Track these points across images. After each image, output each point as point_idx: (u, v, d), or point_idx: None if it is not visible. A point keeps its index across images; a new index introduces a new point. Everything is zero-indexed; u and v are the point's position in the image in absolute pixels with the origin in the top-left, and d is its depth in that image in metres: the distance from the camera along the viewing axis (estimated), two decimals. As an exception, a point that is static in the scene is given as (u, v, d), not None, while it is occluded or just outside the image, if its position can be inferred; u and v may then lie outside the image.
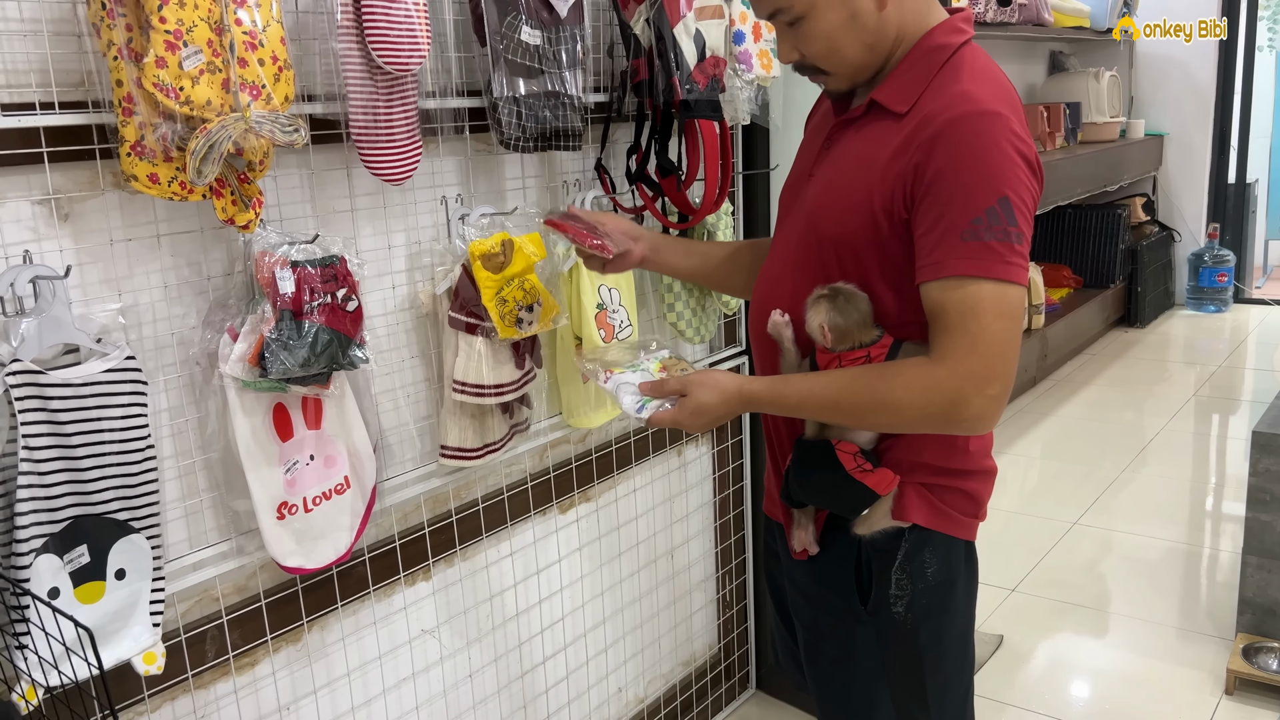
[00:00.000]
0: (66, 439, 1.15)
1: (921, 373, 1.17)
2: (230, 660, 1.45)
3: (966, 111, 1.15)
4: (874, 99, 1.23)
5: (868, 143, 1.24)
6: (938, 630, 1.32)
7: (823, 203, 1.28)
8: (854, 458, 1.26)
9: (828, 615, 1.37)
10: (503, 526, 1.83)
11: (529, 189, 1.78)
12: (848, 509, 1.30)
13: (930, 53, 1.22)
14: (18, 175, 1.18)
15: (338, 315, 1.36)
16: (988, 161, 1.13)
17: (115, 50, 1.13)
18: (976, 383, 1.14)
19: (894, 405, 1.18)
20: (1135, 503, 3.58)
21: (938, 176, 1.14)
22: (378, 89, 1.39)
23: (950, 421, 1.18)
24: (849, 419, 1.25)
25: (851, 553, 1.31)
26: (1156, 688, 2.50)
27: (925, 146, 1.15)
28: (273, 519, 1.38)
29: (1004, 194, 1.13)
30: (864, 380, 1.20)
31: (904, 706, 1.35)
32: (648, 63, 1.77)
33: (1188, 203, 6.32)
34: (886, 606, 1.30)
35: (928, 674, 1.33)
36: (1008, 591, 2.99)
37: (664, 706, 2.26)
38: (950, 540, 1.31)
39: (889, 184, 1.19)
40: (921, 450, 1.28)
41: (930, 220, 1.15)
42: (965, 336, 1.14)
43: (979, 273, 1.13)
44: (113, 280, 1.27)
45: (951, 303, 1.15)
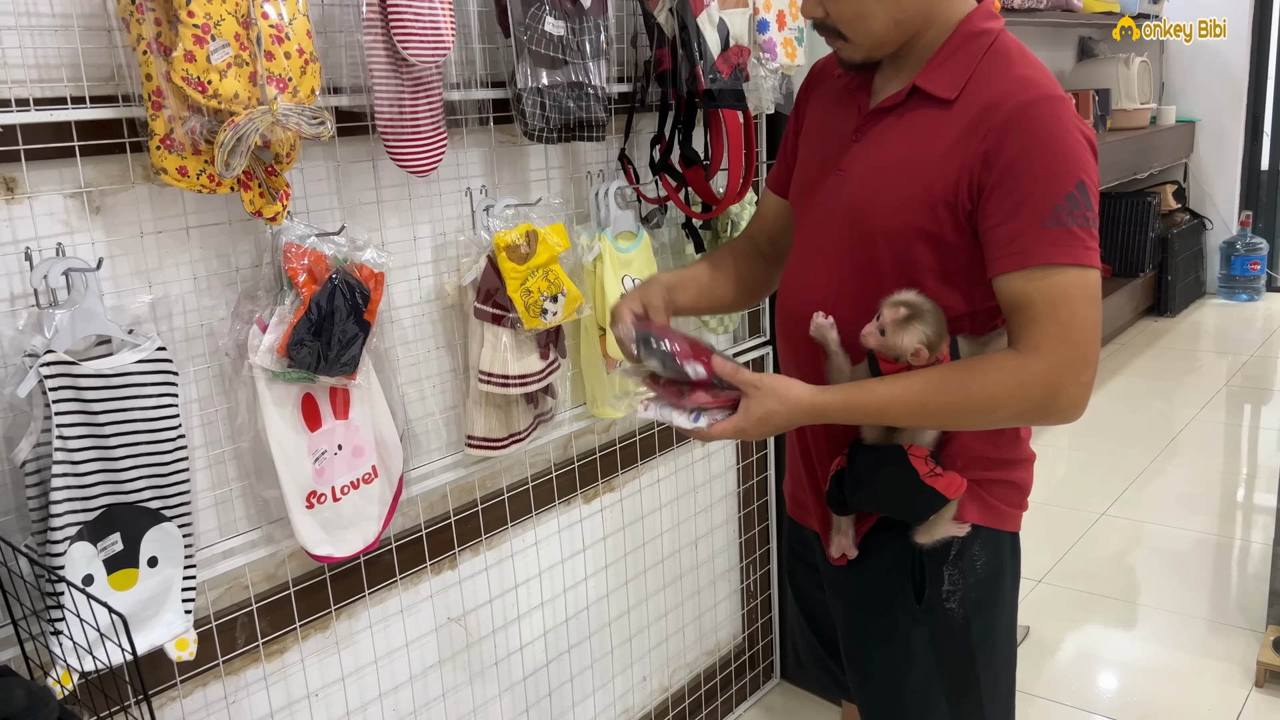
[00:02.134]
0: (99, 429, 1.17)
1: (1016, 367, 1.13)
2: (260, 647, 1.47)
3: (1034, 97, 1.12)
4: (917, 85, 1.19)
5: (914, 132, 1.20)
6: (989, 623, 1.31)
7: (868, 196, 1.22)
8: (926, 462, 1.23)
9: (878, 618, 1.33)
10: (528, 516, 1.84)
11: (553, 180, 1.78)
12: (914, 515, 1.26)
13: (972, 38, 1.18)
14: (50, 169, 1.19)
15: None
16: (1063, 146, 1.11)
17: (144, 45, 1.15)
18: (1072, 371, 1.12)
19: (988, 403, 1.15)
20: (1164, 494, 3.55)
21: (1012, 164, 1.11)
22: (403, 81, 1.40)
23: (1046, 413, 1.15)
24: (937, 421, 1.21)
25: (907, 553, 1.28)
26: (1185, 680, 2.48)
27: (995, 134, 1.12)
28: (302, 508, 1.40)
29: (1080, 178, 1.11)
30: (953, 381, 1.16)
31: (959, 703, 1.33)
32: (671, 52, 1.76)
33: (1220, 190, 6.23)
34: (940, 603, 1.28)
35: (981, 668, 1.32)
36: (1034, 582, 2.97)
37: (688, 695, 2.27)
38: (998, 532, 1.30)
39: (951, 174, 1.15)
40: (974, 442, 1.26)
41: (1007, 209, 1.12)
42: (1056, 325, 1.11)
43: (1066, 260, 1.11)
44: (143, 272, 1.28)
45: (1039, 292, 1.11)
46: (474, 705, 1.80)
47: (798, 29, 2.01)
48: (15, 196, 1.17)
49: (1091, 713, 2.37)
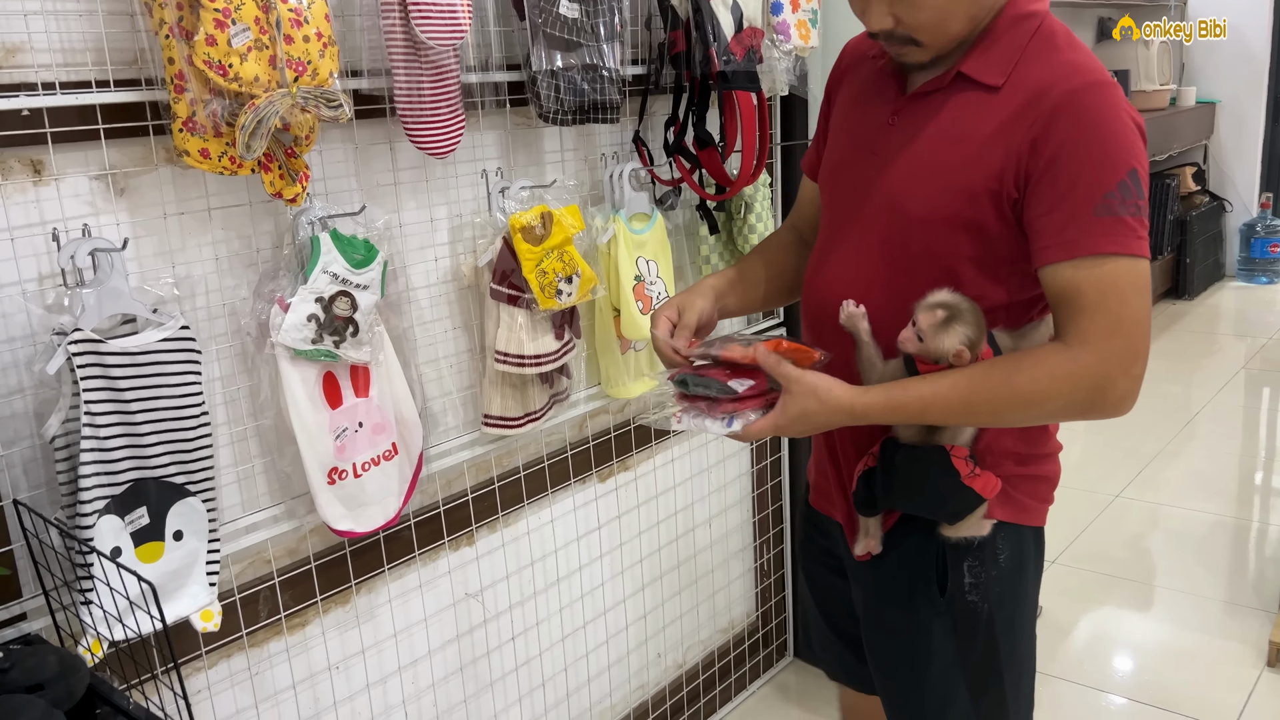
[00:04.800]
0: (126, 405, 1.20)
1: (1063, 360, 1.10)
2: (282, 620, 1.50)
3: (1085, 83, 1.09)
4: (961, 71, 1.16)
5: (957, 117, 1.16)
6: (1011, 616, 1.30)
7: (906, 182, 1.19)
8: (967, 462, 1.20)
9: (901, 611, 1.32)
10: (543, 494, 1.87)
11: (568, 162, 1.80)
12: (950, 515, 1.24)
13: (1018, 21, 1.15)
14: (76, 151, 1.22)
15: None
16: (1114, 133, 1.08)
17: (167, 29, 1.17)
18: (1123, 363, 1.09)
19: (1035, 399, 1.11)
20: (1180, 476, 3.55)
21: (1061, 151, 1.08)
22: (421, 65, 1.41)
23: (1095, 407, 1.11)
24: (981, 419, 1.17)
25: (932, 547, 1.27)
26: (1198, 659, 2.49)
27: (1044, 120, 1.09)
28: (324, 484, 1.43)
29: (1132, 166, 1.08)
30: (997, 377, 1.12)
31: (980, 697, 1.32)
32: (685, 34, 1.77)
33: (1240, 172, 6.19)
34: (961, 595, 1.27)
35: (1004, 661, 1.31)
36: (1049, 564, 2.96)
37: (702, 672, 2.30)
38: (1019, 528, 1.29)
39: (996, 161, 1.12)
40: (1004, 438, 1.24)
41: (1055, 197, 1.09)
42: (1106, 317, 1.09)
43: (1117, 249, 1.08)
44: (166, 253, 1.31)
45: (1089, 282, 1.09)
46: (491, 679, 1.83)
47: (811, 10, 2.02)
48: (42, 179, 1.20)
49: (1104, 691, 2.39)
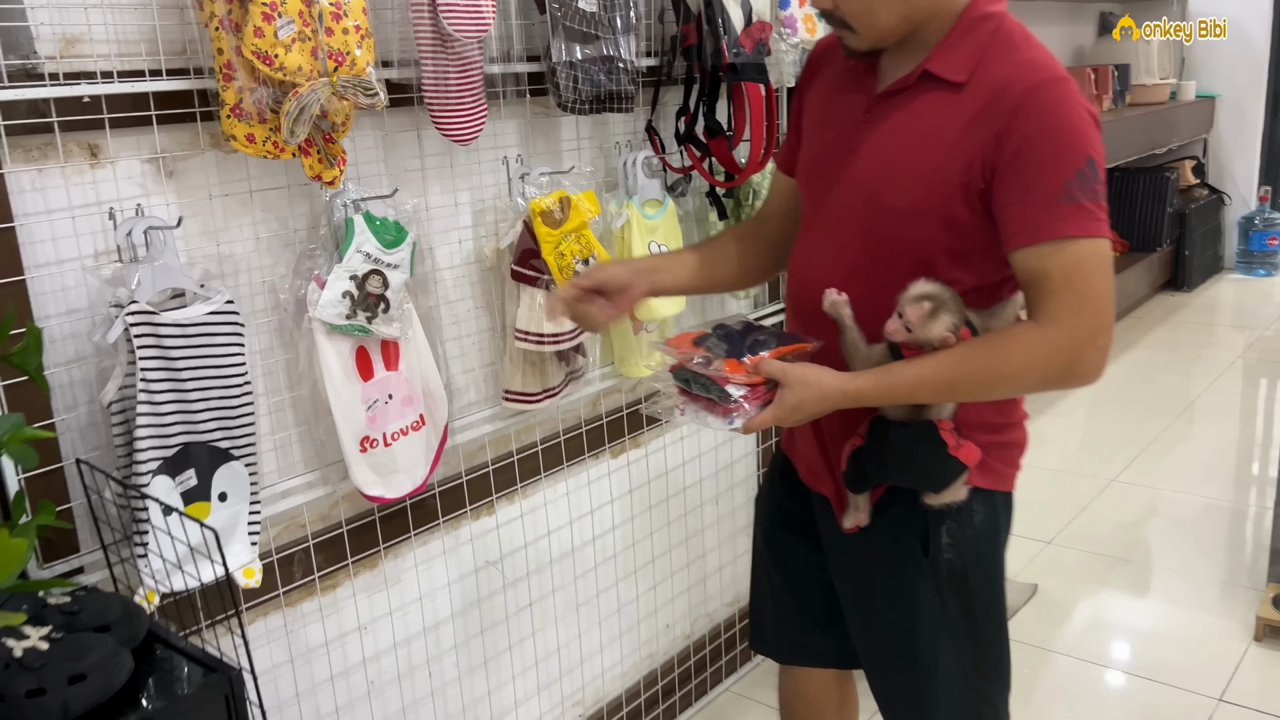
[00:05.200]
0: (177, 373, 1.29)
1: (1036, 338, 1.20)
2: (315, 581, 1.59)
3: (1042, 80, 1.17)
4: (927, 69, 1.24)
5: (926, 114, 1.24)
6: (986, 574, 1.39)
7: (881, 175, 1.27)
8: (952, 434, 1.29)
9: (888, 576, 1.40)
10: (559, 468, 1.95)
11: (584, 149, 1.88)
12: (937, 484, 1.32)
13: (978, 22, 1.24)
14: (129, 136, 1.31)
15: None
16: (1071, 126, 1.16)
17: (216, 21, 1.25)
18: (1090, 337, 1.18)
19: (1013, 375, 1.21)
20: (1176, 461, 3.63)
21: (1024, 144, 1.16)
22: (447, 56, 1.50)
23: (1067, 378, 1.22)
24: (964, 396, 1.27)
25: (915, 514, 1.35)
26: (1186, 634, 2.57)
27: (1007, 116, 1.17)
28: (357, 452, 1.51)
29: (1089, 155, 1.16)
30: (977, 357, 1.22)
31: (963, 652, 1.40)
32: (697, 28, 1.86)
33: (1239, 165, 6.25)
34: (940, 555, 1.36)
35: (981, 616, 1.40)
36: (1044, 544, 3.07)
37: (709, 643, 2.39)
38: (992, 493, 1.37)
39: (964, 154, 1.20)
40: (979, 409, 1.33)
41: (1020, 187, 1.17)
42: (1072, 295, 1.17)
43: (1079, 232, 1.16)
44: (211, 232, 1.40)
45: (1054, 265, 1.17)
46: (509, 643, 1.92)
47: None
48: (99, 161, 1.29)
49: (1096, 664, 2.47)
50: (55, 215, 1.25)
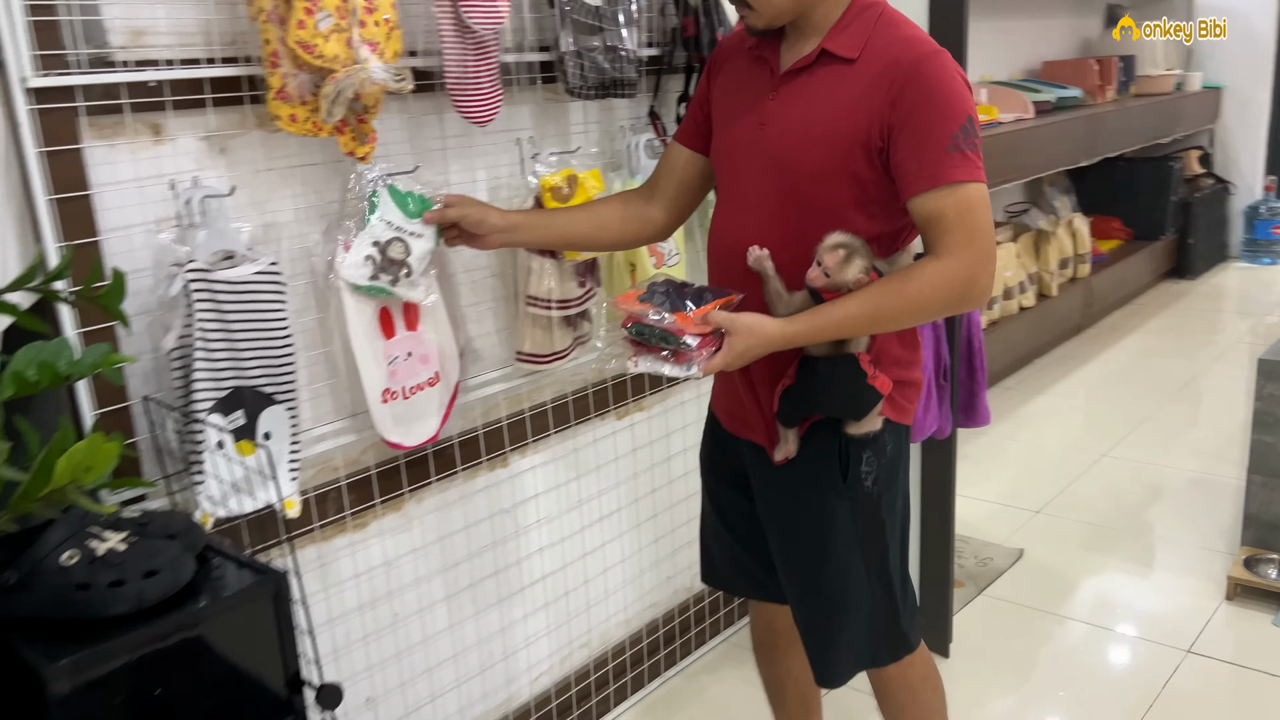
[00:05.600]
0: (228, 325, 1.47)
1: (938, 269, 1.40)
2: (347, 519, 1.77)
3: (924, 53, 1.39)
4: (825, 49, 1.44)
5: (826, 87, 1.44)
6: (893, 499, 1.60)
7: (791, 142, 1.46)
8: (870, 366, 1.49)
9: (812, 498, 1.59)
10: (567, 425, 2.12)
11: (591, 132, 2.05)
12: (857, 412, 1.51)
13: (865, 9, 1.45)
14: (187, 117, 1.48)
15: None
16: (952, 90, 1.38)
17: (264, 15, 1.43)
18: (981, 264, 1.40)
19: (922, 302, 1.41)
20: (1167, 438, 3.77)
21: (915, 107, 1.37)
22: (466, 45, 1.67)
23: (965, 301, 1.42)
24: (884, 326, 1.46)
25: (834, 446, 1.54)
26: (1163, 594, 2.72)
27: (899, 85, 1.37)
28: (379, 402, 1.69)
29: (969, 113, 1.38)
30: (890, 292, 1.41)
31: (871, 565, 1.60)
32: (695, 20, 2.02)
33: (1245, 155, 6.34)
34: (859, 481, 1.56)
35: (889, 535, 1.60)
36: (1032, 513, 3.22)
37: (708, 596, 2.56)
38: (899, 425, 1.59)
39: (862, 118, 1.40)
40: (890, 347, 1.54)
41: (914, 142, 1.38)
42: (964, 231, 1.38)
43: (966, 177, 1.37)
44: (257, 202, 1.57)
45: (949, 205, 1.38)
46: (520, 586, 2.10)
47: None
48: (160, 139, 1.47)
49: (1073, 620, 2.62)
50: (123, 185, 1.43)
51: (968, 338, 2.33)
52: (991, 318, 4.35)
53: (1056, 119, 4.65)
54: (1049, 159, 4.59)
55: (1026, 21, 5.51)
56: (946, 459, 2.35)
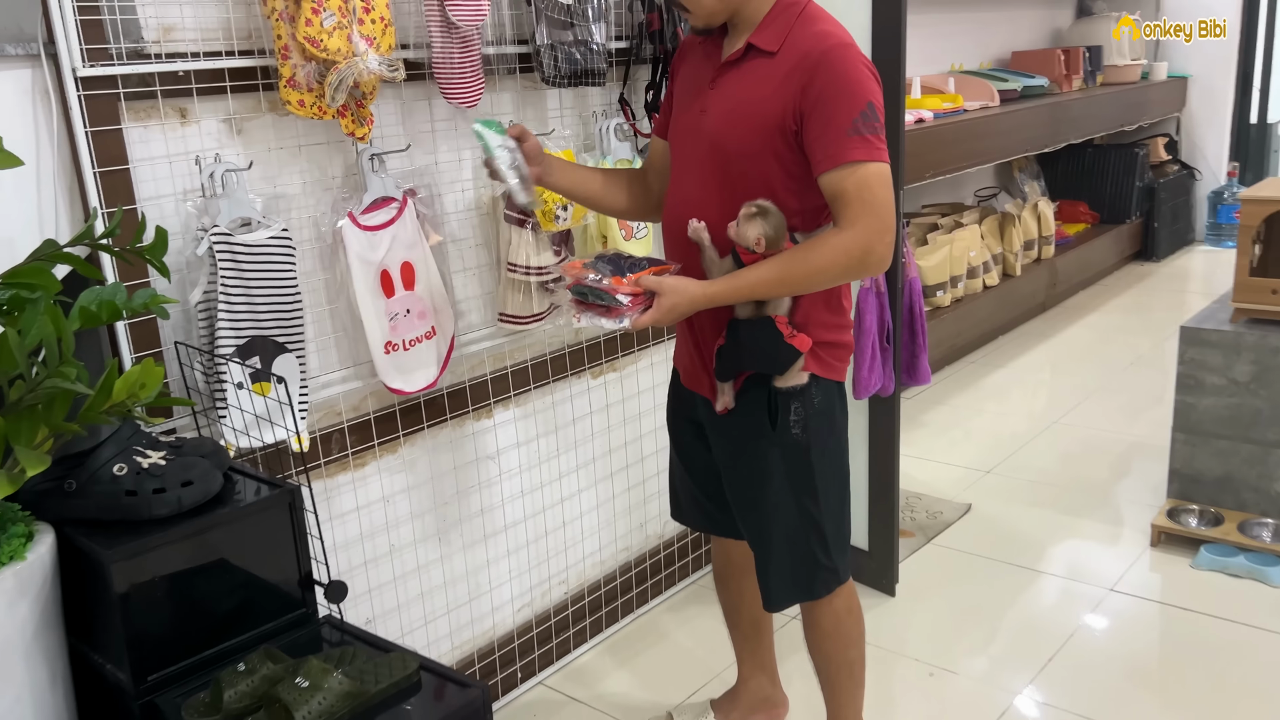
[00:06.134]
0: (247, 281, 1.70)
1: (839, 238, 1.59)
2: (349, 457, 2.01)
3: (832, 45, 1.58)
4: (751, 43, 1.65)
5: (751, 77, 1.64)
6: (823, 447, 1.80)
7: (724, 128, 1.66)
8: (786, 326, 1.70)
9: (748, 444, 1.81)
10: (546, 381, 2.36)
11: (566, 117, 2.28)
12: (778, 367, 1.72)
13: (787, 7, 1.65)
14: (209, 102, 1.71)
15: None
16: (855, 78, 1.57)
17: (276, 14, 1.66)
18: (877, 234, 1.58)
19: (824, 267, 1.61)
20: (1115, 405, 4.01)
21: (822, 94, 1.57)
22: (452, 39, 1.90)
23: (864, 268, 1.62)
24: (793, 288, 1.65)
25: (764, 397, 1.76)
26: (1095, 542, 2.97)
27: (809, 73, 1.57)
28: (382, 353, 1.93)
29: (869, 100, 1.57)
30: (797, 258, 1.61)
31: (801, 504, 1.81)
32: (659, 15, 2.25)
33: (1209, 142, 6.58)
34: (787, 429, 1.77)
35: (818, 479, 1.80)
36: (983, 473, 3.46)
37: (677, 542, 2.80)
38: (830, 382, 1.79)
39: (780, 104, 1.59)
40: (815, 311, 1.74)
41: (821, 126, 1.57)
42: (862, 204, 1.57)
43: (864, 157, 1.56)
44: (269, 176, 1.81)
45: (849, 181, 1.57)
46: (504, 525, 2.34)
47: None
48: (187, 121, 1.70)
49: (1009, 564, 2.87)
50: (155, 161, 1.66)
51: (910, 304, 2.57)
52: (956, 295, 4.59)
53: (1020, 107, 4.89)
54: (1012, 145, 4.82)
55: (999, 13, 5.74)
56: (890, 415, 2.59)
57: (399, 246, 1.92)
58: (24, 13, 1.51)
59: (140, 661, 1.37)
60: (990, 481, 3.40)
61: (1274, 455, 2.81)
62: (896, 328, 2.52)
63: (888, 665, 2.43)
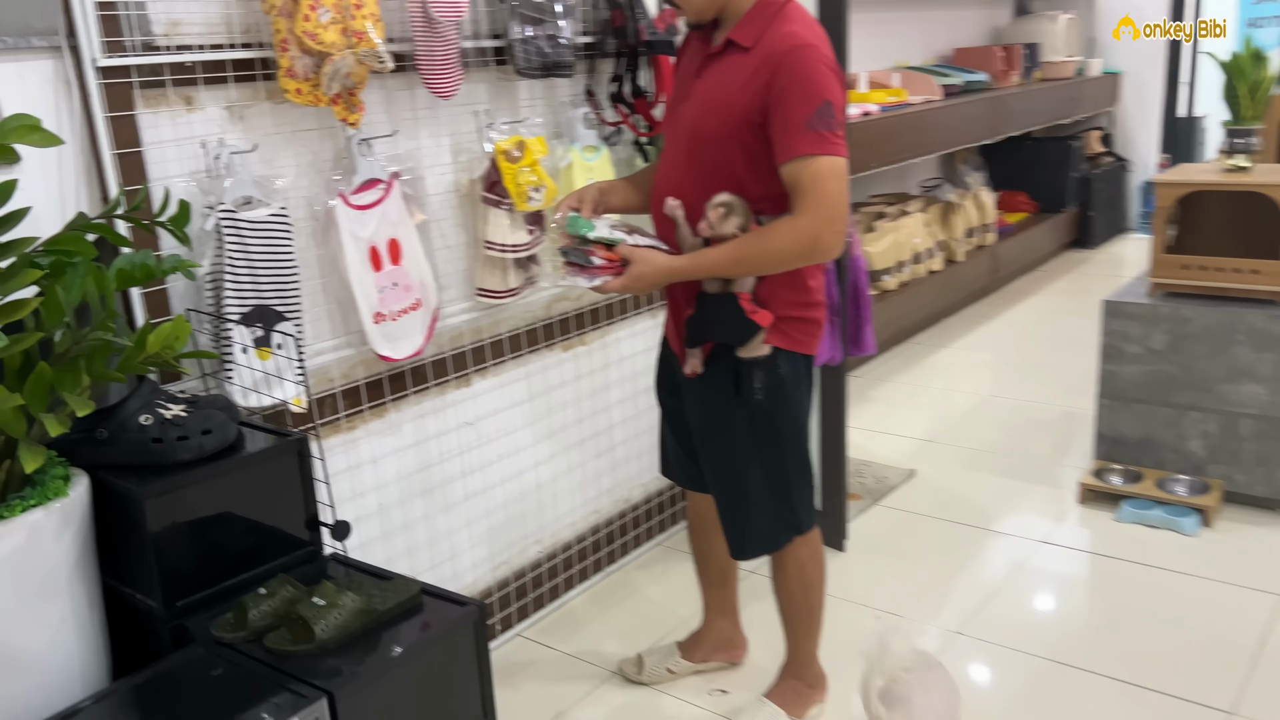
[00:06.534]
0: (250, 254, 1.86)
1: (792, 225, 1.78)
2: (341, 420, 2.17)
3: (796, 45, 1.76)
4: (730, 39, 1.83)
5: (728, 70, 1.82)
6: (790, 415, 1.98)
7: (702, 115, 1.85)
8: (749, 302, 1.89)
9: (717, 407, 1.99)
10: (521, 352, 2.54)
11: (537, 105, 2.46)
12: (739, 339, 1.91)
13: (766, 6, 1.83)
14: (213, 90, 1.87)
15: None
16: (814, 78, 1.75)
17: (275, 10, 1.82)
18: (826, 223, 1.76)
19: (776, 252, 1.79)
20: (1051, 379, 4.27)
21: (784, 90, 1.73)
22: (433, 33, 2.07)
23: (814, 254, 1.80)
24: (748, 269, 1.84)
25: (731, 366, 1.94)
26: (1029, 500, 3.21)
27: (773, 70, 1.74)
28: (372, 323, 2.09)
29: (826, 98, 1.75)
30: (754, 241, 1.80)
31: (767, 464, 2.00)
32: (623, 13, 2.44)
33: (1141, 135, 6.92)
34: (751, 395, 1.95)
35: (782, 441, 1.99)
36: (926, 442, 3.70)
37: (642, 506, 2.99)
38: (794, 354, 1.96)
39: (748, 97, 1.77)
40: (779, 290, 1.91)
41: (782, 120, 1.75)
42: (814, 195, 1.75)
43: (818, 151, 1.74)
44: (267, 159, 1.96)
45: (804, 173, 1.75)
46: (484, 486, 2.51)
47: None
48: (193, 107, 1.85)
49: (949, 522, 3.10)
50: (165, 144, 1.81)
51: (854, 282, 2.78)
52: (903, 279, 4.83)
53: (962, 101, 5.14)
54: (954, 137, 5.08)
55: (942, 11, 6.00)
56: (838, 382, 2.81)
57: (386, 224, 2.09)
58: (47, 9, 1.65)
59: (169, 589, 1.53)
60: (933, 450, 3.64)
61: (1187, 417, 3.06)
62: (844, 303, 2.72)
63: (837, 611, 2.63)
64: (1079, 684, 2.31)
